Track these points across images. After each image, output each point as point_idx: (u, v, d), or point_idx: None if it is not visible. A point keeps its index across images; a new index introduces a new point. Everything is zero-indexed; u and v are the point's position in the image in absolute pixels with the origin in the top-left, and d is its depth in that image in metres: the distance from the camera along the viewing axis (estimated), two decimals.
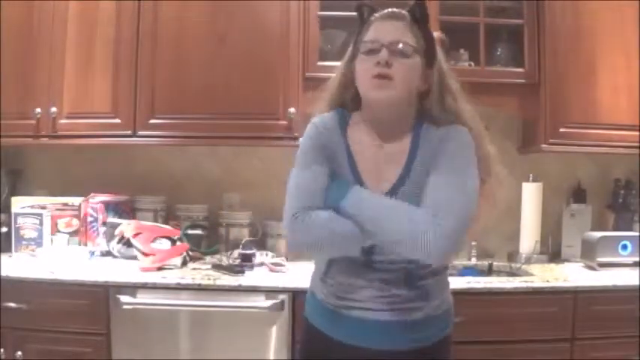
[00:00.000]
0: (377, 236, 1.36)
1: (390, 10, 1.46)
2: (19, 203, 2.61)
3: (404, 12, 1.46)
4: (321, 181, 1.43)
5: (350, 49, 1.52)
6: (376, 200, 1.39)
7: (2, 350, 2.18)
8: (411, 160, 1.44)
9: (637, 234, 2.55)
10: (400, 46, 1.40)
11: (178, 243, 2.50)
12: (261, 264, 2.43)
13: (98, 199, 2.64)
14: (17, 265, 2.31)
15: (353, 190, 1.40)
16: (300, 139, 1.52)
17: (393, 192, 1.42)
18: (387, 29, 1.43)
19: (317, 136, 1.48)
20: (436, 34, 1.51)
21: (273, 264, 2.40)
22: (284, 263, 2.45)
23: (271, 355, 2.14)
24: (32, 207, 2.60)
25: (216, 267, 2.34)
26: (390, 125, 1.47)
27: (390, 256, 1.40)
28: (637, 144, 2.53)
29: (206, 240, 2.72)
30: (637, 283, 2.22)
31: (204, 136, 2.55)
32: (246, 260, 2.41)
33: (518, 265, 2.59)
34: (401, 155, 1.45)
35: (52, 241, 2.58)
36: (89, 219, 2.62)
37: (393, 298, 1.43)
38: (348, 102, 1.52)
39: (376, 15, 1.47)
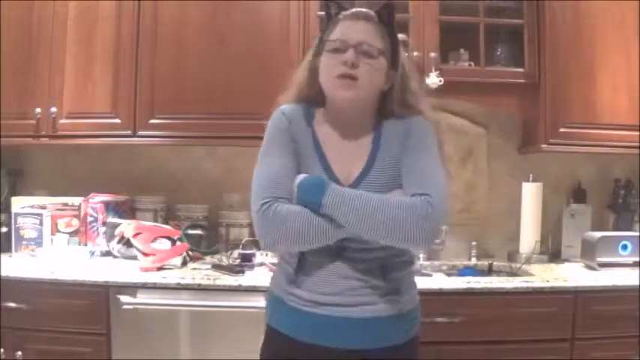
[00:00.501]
0: (366, 234, 1.36)
1: (358, 10, 1.48)
2: (19, 203, 2.61)
3: (372, 13, 1.48)
4: (289, 171, 1.43)
5: (315, 44, 1.54)
6: (359, 197, 1.37)
7: (2, 350, 2.18)
8: (374, 153, 1.47)
9: (637, 234, 2.54)
10: (367, 47, 1.43)
11: (178, 243, 2.50)
12: (261, 264, 2.43)
13: (98, 199, 2.64)
14: (17, 265, 2.31)
15: (332, 189, 1.38)
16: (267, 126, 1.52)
17: (359, 181, 1.44)
18: (355, 29, 1.45)
19: (284, 125, 1.49)
20: (400, 35, 1.54)
21: (273, 264, 2.40)
22: None
23: None
24: (32, 207, 2.59)
25: (216, 267, 2.34)
26: (352, 122, 1.50)
27: (362, 245, 1.40)
28: (637, 144, 2.53)
29: (206, 240, 2.72)
30: (637, 283, 2.22)
31: (204, 136, 2.56)
32: (246, 260, 2.40)
33: (518, 265, 2.59)
34: (364, 148, 1.48)
35: (52, 241, 2.58)
36: (89, 219, 2.62)
37: (370, 290, 1.42)
38: (313, 98, 1.54)
39: (344, 13, 1.48)
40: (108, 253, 2.54)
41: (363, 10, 1.48)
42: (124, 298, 2.14)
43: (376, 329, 1.42)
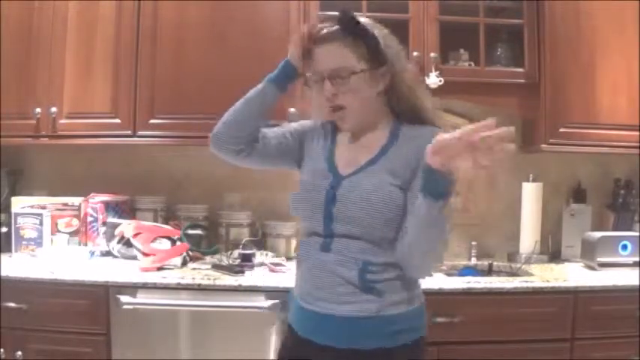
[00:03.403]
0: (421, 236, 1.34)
1: (322, 34, 1.48)
2: (19, 203, 2.61)
3: (335, 30, 1.46)
4: (280, 134, 1.64)
5: None
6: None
7: (2, 350, 2.18)
8: (383, 151, 1.47)
9: (637, 234, 2.55)
10: (336, 72, 1.43)
11: (178, 243, 2.50)
12: (261, 264, 2.43)
13: (98, 199, 2.64)
14: (17, 265, 2.31)
15: None
16: None
17: (355, 173, 1.46)
18: (324, 55, 1.46)
19: (305, 126, 1.63)
20: (364, 20, 1.49)
21: (273, 264, 2.40)
22: (284, 263, 2.46)
23: (271, 355, 2.14)
24: (32, 207, 2.60)
25: (216, 267, 2.34)
26: (361, 132, 1.52)
27: (344, 240, 1.42)
28: (637, 144, 2.53)
29: (206, 240, 2.72)
30: (637, 283, 2.23)
31: (204, 136, 2.53)
32: (246, 260, 2.40)
33: (518, 265, 2.59)
34: (376, 145, 1.49)
35: (52, 241, 2.58)
36: (89, 219, 2.62)
37: (347, 287, 1.40)
38: None
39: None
40: (108, 253, 2.54)
41: (325, 32, 1.48)
42: (124, 298, 2.14)
43: (353, 328, 1.40)
